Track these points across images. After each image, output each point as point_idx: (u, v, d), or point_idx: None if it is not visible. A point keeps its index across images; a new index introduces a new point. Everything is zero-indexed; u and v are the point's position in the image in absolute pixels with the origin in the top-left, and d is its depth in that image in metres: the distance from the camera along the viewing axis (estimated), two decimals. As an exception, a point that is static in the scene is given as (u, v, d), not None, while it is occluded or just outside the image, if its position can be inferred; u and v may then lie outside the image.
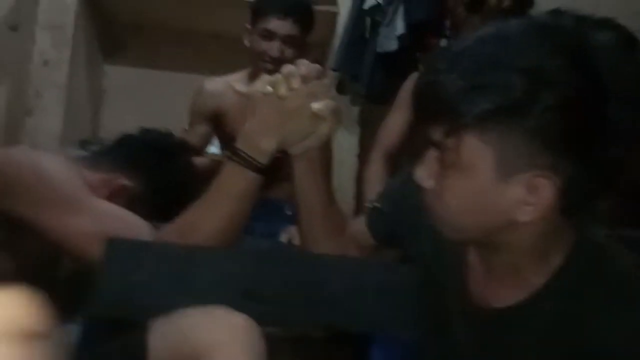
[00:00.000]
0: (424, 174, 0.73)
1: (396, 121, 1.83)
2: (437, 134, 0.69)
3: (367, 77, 2.29)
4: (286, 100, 0.88)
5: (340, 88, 2.44)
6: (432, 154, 0.72)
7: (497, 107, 0.64)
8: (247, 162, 0.89)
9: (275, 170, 1.79)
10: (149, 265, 0.82)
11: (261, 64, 1.76)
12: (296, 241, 1.65)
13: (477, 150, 0.67)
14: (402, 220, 0.92)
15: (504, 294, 0.75)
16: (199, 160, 1.89)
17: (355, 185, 2.48)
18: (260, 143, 0.89)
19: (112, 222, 0.90)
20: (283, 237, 1.74)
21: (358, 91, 2.39)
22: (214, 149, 2.08)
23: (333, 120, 0.90)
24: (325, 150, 0.99)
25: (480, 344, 0.77)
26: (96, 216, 0.91)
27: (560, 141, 0.65)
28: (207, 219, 0.89)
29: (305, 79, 0.89)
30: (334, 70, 2.40)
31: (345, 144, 2.52)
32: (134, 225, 0.92)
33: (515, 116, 0.64)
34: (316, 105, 0.88)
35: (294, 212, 1.88)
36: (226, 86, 1.92)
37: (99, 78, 2.77)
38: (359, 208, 2.38)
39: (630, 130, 0.68)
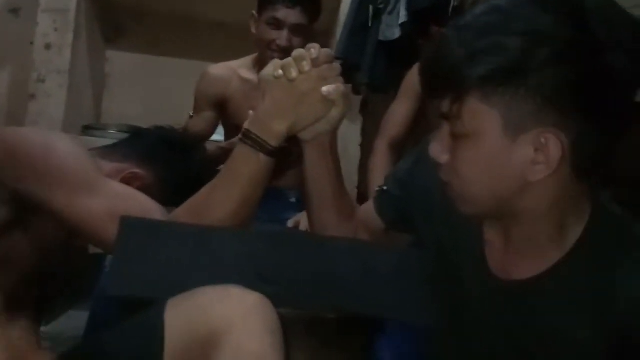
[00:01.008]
0: (438, 149, 0.75)
1: (401, 110, 1.83)
2: (445, 105, 0.72)
3: (370, 66, 2.29)
4: (297, 83, 0.88)
5: (343, 76, 2.44)
6: (444, 129, 0.74)
7: (497, 69, 0.67)
8: (259, 145, 0.89)
9: (280, 158, 1.80)
10: (162, 244, 0.81)
11: (269, 53, 1.76)
12: (303, 227, 1.66)
13: (483, 115, 0.69)
14: (411, 202, 0.92)
15: (524, 266, 0.76)
16: (206, 147, 1.90)
17: (358, 174, 2.49)
18: (272, 126, 0.89)
19: (125, 203, 0.90)
20: (290, 224, 1.74)
21: (360, 80, 2.39)
22: (217, 136, 2.08)
23: (343, 105, 0.91)
24: (335, 135, 0.98)
25: (502, 318, 0.78)
26: (109, 197, 0.90)
27: (563, 96, 0.67)
28: (219, 201, 0.90)
29: (315, 63, 0.90)
30: (337, 58, 2.40)
31: (348, 134, 2.53)
32: (147, 206, 0.91)
33: (515, 76, 0.67)
34: (326, 89, 0.89)
35: (298, 199, 1.90)
36: (231, 72, 1.92)
37: (101, 63, 2.76)
38: (361, 197, 2.38)
39: (632, 81, 0.69)
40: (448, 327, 0.84)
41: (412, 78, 1.80)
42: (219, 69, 1.93)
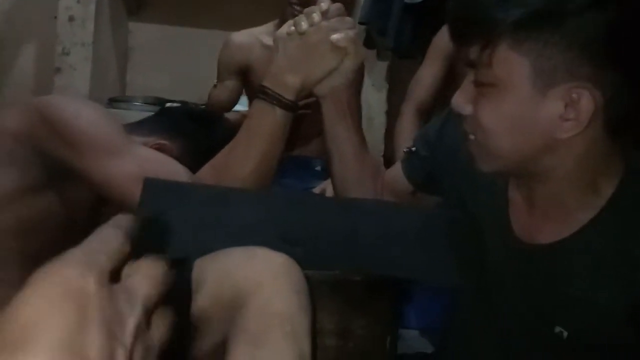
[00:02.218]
0: (462, 100, 0.72)
1: (428, 74, 1.79)
2: (473, 52, 0.68)
3: (395, 31, 2.24)
4: (307, 36, 0.90)
5: (368, 42, 2.39)
6: (469, 79, 0.71)
7: (532, 12, 0.63)
8: (275, 99, 0.90)
9: (304, 126, 1.78)
10: (184, 206, 0.82)
11: (290, 10, 1.72)
12: (329, 195, 1.65)
13: (513, 63, 0.65)
14: (439, 162, 0.90)
15: (549, 229, 0.73)
16: (229, 116, 1.89)
17: (384, 142, 2.45)
18: (286, 79, 0.90)
19: (153, 165, 0.91)
20: (316, 192, 1.74)
21: (385, 46, 2.35)
22: (240, 107, 2.07)
23: (355, 54, 0.91)
24: (354, 93, 0.98)
25: (526, 282, 0.76)
26: (138, 159, 0.92)
27: (599, 48, 0.62)
28: (239, 158, 0.91)
29: (325, 15, 0.90)
30: (361, 23, 2.35)
31: (374, 101, 2.49)
32: (174, 170, 0.93)
33: (550, 20, 0.63)
34: (335, 36, 0.89)
35: (324, 167, 1.89)
36: (253, 39, 1.89)
37: (124, 35, 2.76)
38: (387, 164, 2.36)
39: None
40: (473, 289, 0.83)
41: (441, 40, 1.75)
42: (241, 36, 1.91)
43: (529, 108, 0.66)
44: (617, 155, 0.70)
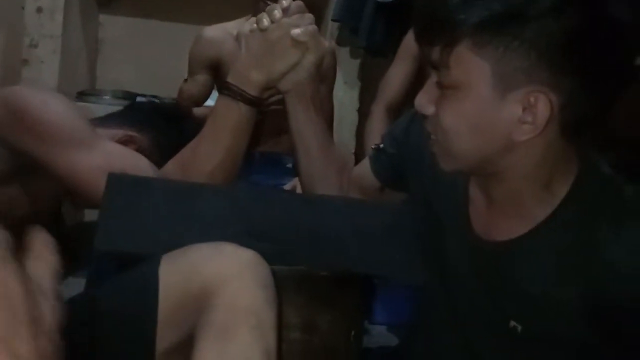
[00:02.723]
0: (424, 100, 0.73)
1: (398, 73, 1.81)
2: (435, 53, 0.69)
3: (368, 29, 2.26)
4: (268, 32, 0.92)
5: (340, 40, 2.40)
6: (432, 80, 0.72)
7: (494, 15, 0.64)
8: (239, 95, 0.92)
9: (275, 122, 1.78)
10: (149, 200, 0.82)
11: (262, 5, 1.72)
12: (299, 191, 1.66)
13: (473, 66, 0.66)
14: (405, 159, 0.91)
15: (507, 226, 0.75)
16: (199, 111, 1.88)
17: (355, 140, 2.47)
18: (250, 75, 0.93)
19: (119, 160, 0.92)
20: (287, 189, 1.74)
21: (358, 44, 2.36)
22: (211, 102, 2.06)
23: (316, 48, 0.94)
24: (317, 88, 1.00)
25: (482, 277, 0.78)
26: (104, 153, 0.93)
27: (558, 54, 0.64)
28: (204, 154, 0.93)
29: (286, 12, 0.93)
30: (334, 21, 2.37)
31: (345, 99, 2.51)
32: (140, 164, 0.94)
33: (511, 25, 0.64)
34: (295, 31, 0.92)
35: (295, 164, 1.89)
36: (225, 34, 1.88)
37: (94, 28, 2.72)
38: (358, 163, 2.37)
39: (633, 42, 0.67)
40: (435, 284, 0.84)
41: (410, 40, 1.77)
42: (212, 31, 1.90)
43: (488, 110, 0.68)
44: (573, 155, 0.73)
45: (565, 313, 0.70)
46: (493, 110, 0.67)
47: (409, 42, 1.77)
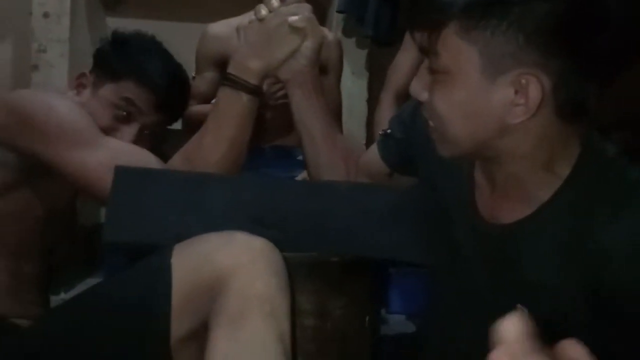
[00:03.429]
0: (418, 86, 0.73)
1: (406, 61, 1.79)
2: (424, 39, 0.69)
3: (374, 18, 2.25)
4: (266, 21, 0.94)
5: (346, 31, 2.40)
6: (424, 65, 0.72)
7: (479, 0, 0.65)
8: (239, 85, 0.94)
9: (284, 116, 1.78)
10: (156, 191, 0.83)
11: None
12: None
13: (461, 51, 0.66)
14: (412, 144, 0.91)
15: (511, 208, 0.75)
16: (207, 108, 1.88)
17: (365, 131, 2.46)
18: (249, 65, 0.94)
19: (125, 155, 0.93)
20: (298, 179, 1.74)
21: (365, 34, 2.35)
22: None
23: (313, 34, 0.95)
24: (318, 76, 1.01)
25: (488, 260, 0.78)
26: (109, 150, 0.94)
27: (546, 34, 0.64)
28: (209, 145, 0.94)
29: (284, 1, 0.96)
30: (340, 12, 2.36)
31: (354, 90, 2.49)
32: (146, 159, 0.95)
33: (497, 9, 0.64)
34: (292, 18, 0.94)
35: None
36: (231, 29, 1.87)
37: (101, 31, 2.73)
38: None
39: (626, 23, 0.66)
40: (444, 267, 0.84)
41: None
42: (218, 27, 1.90)
43: (479, 95, 0.68)
44: (573, 137, 0.72)
45: (565, 296, 0.70)
46: (484, 95, 0.67)
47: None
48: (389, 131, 0.97)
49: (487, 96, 0.67)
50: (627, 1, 0.65)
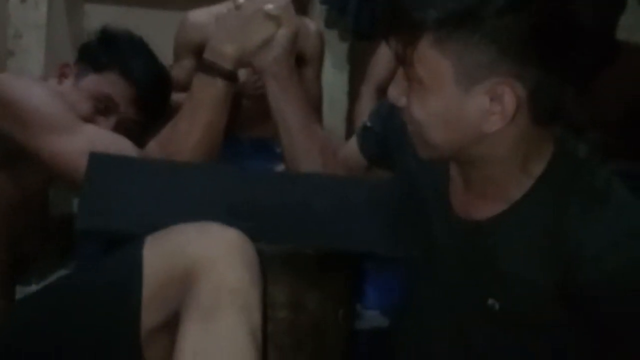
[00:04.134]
0: (395, 92, 0.74)
1: (387, 54, 1.79)
2: (399, 48, 0.70)
3: (355, 11, 2.24)
4: (243, 8, 0.95)
5: (328, 23, 2.38)
6: (400, 72, 0.73)
7: (451, 14, 0.65)
8: (214, 70, 0.93)
9: (262, 107, 1.77)
10: (130, 179, 0.82)
11: None
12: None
13: (435, 63, 0.67)
14: (390, 137, 0.92)
15: (485, 206, 0.76)
16: (184, 96, 1.86)
17: (345, 123, 2.45)
18: (224, 50, 0.94)
19: (102, 142, 0.93)
20: (275, 172, 1.73)
21: (346, 26, 2.34)
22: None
23: (289, 22, 0.96)
24: (294, 66, 1.00)
25: (462, 254, 0.79)
26: (87, 136, 0.94)
27: (520, 45, 0.65)
28: (184, 130, 0.94)
29: None
30: (322, 3, 2.34)
31: (335, 82, 2.48)
32: (123, 146, 0.94)
33: (469, 22, 0.65)
34: (268, 6, 0.95)
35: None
36: (210, 17, 1.86)
37: (79, 17, 2.69)
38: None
39: (599, 31, 0.67)
40: (419, 260, 0.85)
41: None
42: (198, 15, 1.88)
43: (454, 105, 0.68)
44: (548, 138, 0.74)
45: (538, 292, 0.71)
46: (459, 105, 0.68)
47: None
48: (368, 124, 0.98)
49: (463, 106, 0.68)
50: (596, 11, 0.66)
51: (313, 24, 2.01)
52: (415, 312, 0.87)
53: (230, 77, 0.94)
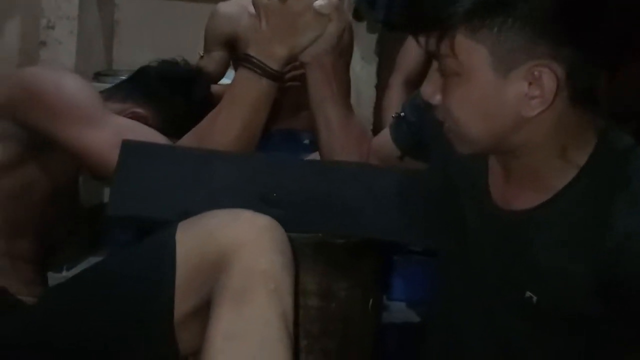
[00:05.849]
0: (430, 90, 0.74)
1: (415, 46, 1.77)
2: (431, 43, 0.69)
3: (385, 2, 2.22)
4: (289, 5, 0.90)
5: (357, 15, 2.37)
6: (434, 68, 0.73)
7: (480, 2, 0.65)
8: (261, 69, 0.91)
9: (292, 99, 1.77)
10: (162, 167, 0.82)
11: None
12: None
13: (471, 52, 0.67)
14: (426, 128, 0.91)
15: (525, 196, 0.75)
16: (215, 88, 1.87)
17: (373, 117, 2.44)
18: (273, 49, 0.91)
19: (131, 134, 0.92)
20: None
21: (375, 18, 2.33)
22: (227, 80, 2.04)
23: (338, 19, 0.92)
24: (338, 58, 0.99)
25: (498, 246, 0.77)
26: (116, 128, 0.94)
27: (552, 27, 0.65)
28: (222, 126, 0.92)
29: None
30: (350, -4, 2.33)
31: (363, 75, 2.48)
32: (151, 137, 0.94)
33: (499, 8, 0.65)
34: (318, 3, 0.90)
35: (312, 141, 1.88)
36: (241, 9, 1.86)
37: (110, 9, 2.72)
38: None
39: (631, 6, 0.67)
40: (451, 252, 0.84)
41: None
42: (228, 6, 1.89)
43: (493, 92, 0.68)
44: (588, 126, 0.72)
45: (578, 285, 0.70)
46: (498, 91, 0.68)
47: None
48: (402, 114, 0.97)
49: (502, 92, 0.68)
50: None
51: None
52: (447, 306, 0.86)
53: (275, 77, 0.92)
